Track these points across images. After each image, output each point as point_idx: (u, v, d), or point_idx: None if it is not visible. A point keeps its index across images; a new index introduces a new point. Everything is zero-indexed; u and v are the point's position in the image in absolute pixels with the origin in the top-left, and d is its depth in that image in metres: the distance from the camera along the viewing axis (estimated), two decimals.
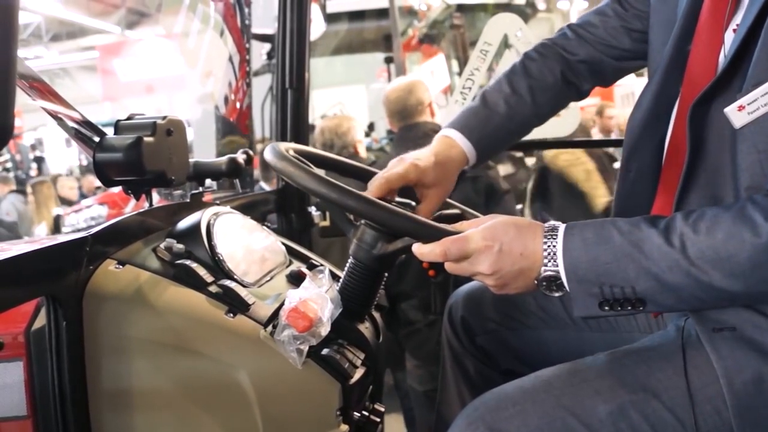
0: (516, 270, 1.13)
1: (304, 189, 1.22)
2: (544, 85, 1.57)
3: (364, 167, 1.52)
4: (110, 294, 1.20)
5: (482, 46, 2.88)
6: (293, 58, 2.24)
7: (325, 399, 1.24)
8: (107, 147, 1.30)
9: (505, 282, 1.15)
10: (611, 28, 1.56)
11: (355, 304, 1.36)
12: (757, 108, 1.11)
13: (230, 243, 1.38)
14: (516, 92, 1.56)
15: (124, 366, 1.20)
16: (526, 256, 1.13)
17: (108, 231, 1.26)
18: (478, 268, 1.14)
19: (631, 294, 1.09)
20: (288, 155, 1.26)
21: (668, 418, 1.11)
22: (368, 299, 1.38)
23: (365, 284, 1.35)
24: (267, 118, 4.64)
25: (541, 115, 1.59)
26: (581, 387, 1.15)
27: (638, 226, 1.10)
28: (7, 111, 0.76)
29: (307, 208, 2.32)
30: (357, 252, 1.32)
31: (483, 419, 1.14)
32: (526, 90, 1.56)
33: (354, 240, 1.33)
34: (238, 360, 1.20)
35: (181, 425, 1.21)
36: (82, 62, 15.20)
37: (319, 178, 1.21)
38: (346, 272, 1.35)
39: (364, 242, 1.31)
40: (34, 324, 1.16)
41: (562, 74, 1.57)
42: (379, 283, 1.37)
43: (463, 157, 1.50)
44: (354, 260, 1.34)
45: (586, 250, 1.10)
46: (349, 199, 1.18)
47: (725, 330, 1.14)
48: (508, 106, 1.54)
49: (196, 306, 1.22)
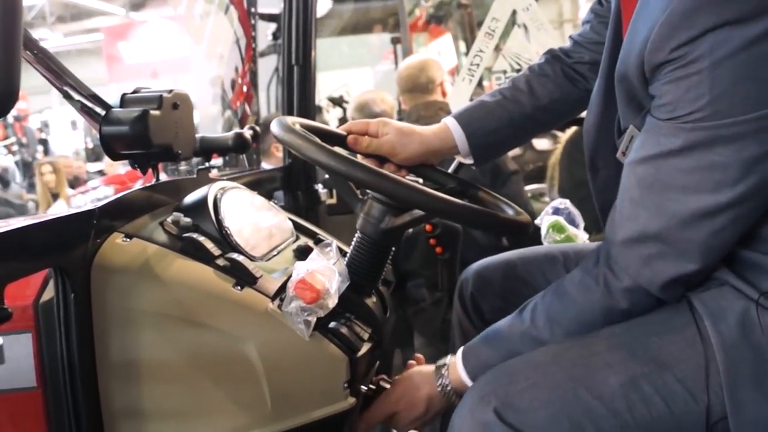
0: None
1: (312, 161, 1.22)
2: (542, 78, 1.60)
3: None
4: (118, 267, 1.20)
5: (490, 22, 2.85)
6: (299, 34, 2.22)
7: (333, 372, 1.24)
8: (113, 120, 1.29)
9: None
10: (596, 25, 1.58)
11: (362, 279, 1.35)
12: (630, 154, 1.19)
13: (237, 217, 1.38)
14: (513, 84, 1.61)
15: (132, 338, 1.20)
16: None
17: (115, 204, 1.26)
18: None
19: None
20: (295, 128, 1.26)
21: (679, 390, 1.10)
22: (375, 273, 1.38)
23: (372, 258, 1.35)
24: (273, 98, 4.64)
25: (541, 107, 1.59)
26: (592, 360, 1.15)
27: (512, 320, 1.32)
28: (12, 75, 0.75)
29: (313, 185, 2.32)
30: (364, 226, 1.32)
31: (495, 393, 1.14)
32: (523, 82, 1.60)
33: (361, 214, 1.33)
34: (246, 332, 1.20)
35: (189, 397, 1.22)
36: (86, 44, 15.17)
37: (328, 150, 1.20)
38: (353, 247, 1.35)
39: (371, 216, 1.31)
40: (43, 296, 1.16)
41: (563, 71, 1.60)
42: (387, 257, 1.37)
43: (450, 144, 1.57)
44: (361, 234, 1.33)
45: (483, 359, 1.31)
46: (358, 171, 1.18)
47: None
48: (503, 96, 1.59)
49: (204, 279, 1.21)
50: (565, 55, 1.62)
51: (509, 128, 1.59)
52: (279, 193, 2.29)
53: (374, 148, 1.51)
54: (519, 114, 1.58)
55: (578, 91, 1.60)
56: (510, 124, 1.58)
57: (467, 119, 1.57)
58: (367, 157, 1.52)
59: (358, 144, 1.50)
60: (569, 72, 1.60)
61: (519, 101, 1.58)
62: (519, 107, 1.58)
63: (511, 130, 1.59)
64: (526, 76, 1.61)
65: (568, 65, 1.61)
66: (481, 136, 1.57)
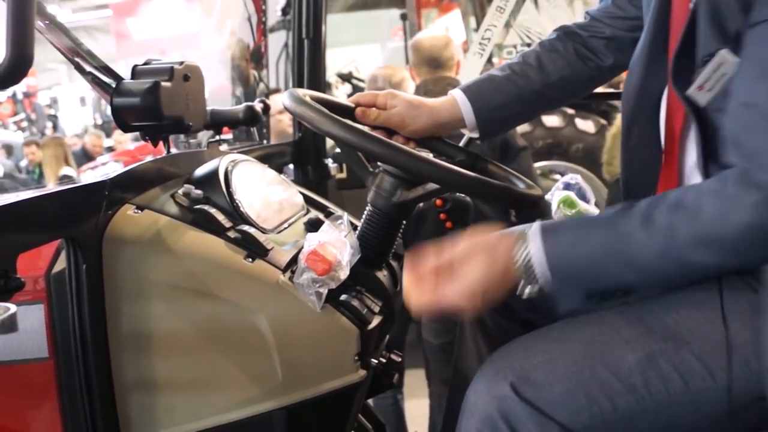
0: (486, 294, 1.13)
1: (324, 133, 1.21)
2: (553, 54, 1.57)
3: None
4: (129, 238, 1.20)
5: None
6: (310, 8, 2.22)
7: (344, 344, 1.24)
8: (124, 92, 1.29)
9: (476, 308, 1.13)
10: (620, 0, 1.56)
11: (372, 252, 1.35)
12: (713, 86, 1.13)
13: (248, 190, 1.38)
14: (523, 59, 1.58)
15: (144, 309, 1.20)
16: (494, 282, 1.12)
17: (126, 176, 1.26)
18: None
19: (616, 287, 1.11)
20: (307, 100, 1.25)
21: (697, 367, 1.10)
22: (386, 247, 1.37)
23: (383, 232, 1.34)
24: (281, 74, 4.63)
25: (550, 83, 1.57)
26: (610, 335, 1.14)
27: (617, 220, 1.09)
28: (26, 43, 0.75)
29: (323, 160, 2.32)
30: (375, 199, 1.32)
31: (511, 367, 1.13)
32: (533, 58, 1.57)
33: (372, 187, 1.32)
34: (257, 304, 1.20)
35: (200, 369, 1.22)
36: (95, 21, 15.15)
37: (340, 122, 1.20)
38: (363, 220, 1.35)
39: (382, 189, 1.30)
40: (55, 267, 1.17)
41: (575, 49, 1.58)
42: (397, 230, 1.37)
43: (458, 116, 1.54)
44: (372, 208, 1.33)
45: (565, 254, 1.10)
46: (371, 143, 1.17)
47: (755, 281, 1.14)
48: (512, 71, 1.56)
49: (215, 250, 1.22)
50: (580, 29, 1.59)
51: (517, 103, 1.57)
52: (289, 168, 2.29)
53: (383, 120, 1.49)
54: (528, 89, 1.56)
55: (588, 70, 1.58)
56: (518, 100, 1.57)
57: (475, 93, 1.56)
58: (375, 129, 1.51)
59: (366, 116, 1.49)
60: (581, 50, 1.58)
61: (528, 76, 1.56)
62: (528, 83, 1.56)
63: (519, 105, 1.58)
64: (537, 51, 1.59)
65: (581, 42, 1.58)
66: (489, 110, 1.56)
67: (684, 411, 1.11)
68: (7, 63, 0.77)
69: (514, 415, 1.09)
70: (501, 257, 1.12)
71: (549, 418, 1.09)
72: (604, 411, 1.10)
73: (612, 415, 1.10)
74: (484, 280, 1.11)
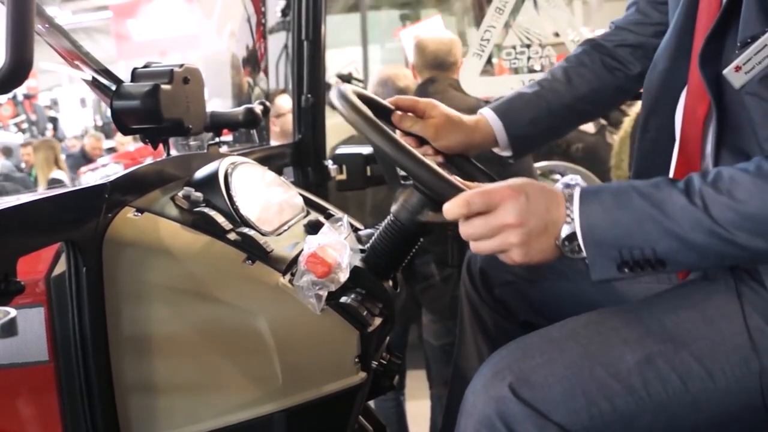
0: (541, 226, 1.08)
1: (363, 135, 1.19)
2: (580, 68, 1.59)
3: None
4: (129, 241, 1.20)
5: None
6: (309, 9, 2.22)
7: (344, 346, 1.24)
8: (124, 95, 1.30)
9: (529, 239, 1.09)
10: (644, 6, 1.57)
11: (384, 262, 1.34)
12: (752, 67, 1.11)
13: (248, 192, 1.38)
14: (550, 74, 1.60)
15: (144, 312, 1.21)
16: (551, 211, 1.09)
17: (126, 179, 1.26)
18: (505, 218, 1.08)
19: (651, 255, 1.07)
20: (353, 99, 1.23)
21: (696, 368, 1.10)
22: (398, 261, 1.36)
23: (399, 245, 1.32)
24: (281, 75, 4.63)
25: (580, 96, 1.58)
26: (609, 336, 1.14)
27: (657, 187, 1.08)
28: (26, 47, 0.76)
29: (323, 161, 2.31)
30: (400, 212, 1.29)
31: (510, 368, 1.13)
32: (561, 72, 1.59)
33: (399, 199, 1.30)
34: (257, 307, 1.20)
35: (200, 371, 1.22)
36: (95, 22, 15.15)
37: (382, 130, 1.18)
38: (382, 228, 1.33)
39: (409, 204, 1.28)
40: (55, 270, 1.17)
41: (602, 60, 1.59)
42: (413, 247, 1.35)
43: (490, 137, 1.55)
44: (394, 219, 1.30)
45: (604, 214, 1.08)
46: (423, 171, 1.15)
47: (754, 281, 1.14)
48: (540, 87, 1.58)
49: (215, 253, 1.22)
50: (606, 40, 1.60)
51: (548, 118, 1.58)
52: (288, 169, 2.29)
53: (418, 128, 1.50)
54: (557, 104, 1.57)
55: (616, 80, 1.59)
56: (548, 114, 1.57)
57: (504, 110, 1.57)
58: (407, 135, 1.52)
59: (402, 122, 1.50)
60: (608, 60, 1.59)
61: (557, 91, 1.57)
62: (557, 97, 1.57)
63: (549, 120, 1.58)
64: (564, 66, 1.60)
65: (607, 53, 1.59)
66: (520, 127, 1.56)
67: (683, 412, 1.11)
68: (7, 67, 0.77)
69: (512, 416, 1.09)
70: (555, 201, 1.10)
71: (547, 419, 1.09)
72: (603, 412, 1.10)
73: (611, 416, 1.10)
74: (541, 226, 1.09)
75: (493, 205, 1.09)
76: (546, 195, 1.10)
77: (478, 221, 1.10)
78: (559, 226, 1.09)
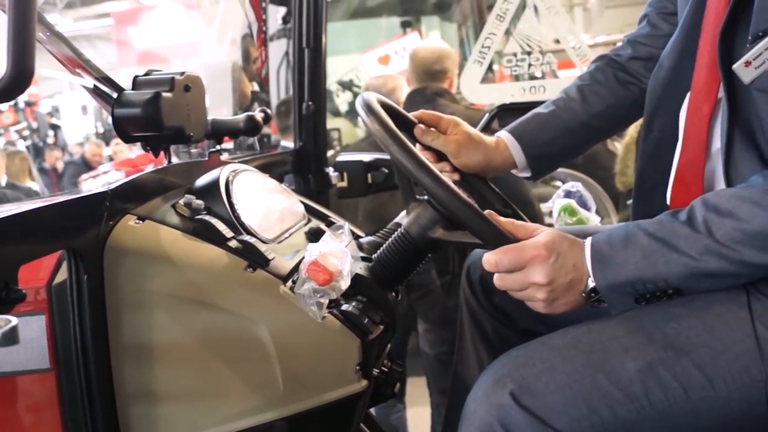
0: (568, 282, 1.15)
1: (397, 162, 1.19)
2: (594, 85, 1.60)
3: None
4: (130, 248, 1.20)
5: (501, 5, 2.83)
6: (310, 17, 2.22)
7: (345, 354, 1.24)
8: (125, 102, 1.30)
9: (556, 295, 1.16)
10: (654, 18, 1.58)
11: (389, 273, 1.34)
12: (763, 62, 1.12)
13: (249, 200, 1.38)
14: (565, 93, 1.61)
15: (145, 319, 1.20)
16: (578, 268, 1.15)
17: (127, 187, 1.26)
18: (534, 278, 1.15)
19: (666, 286, 1.13)
20: (378, 111, 1.23)
21: (697, 376, 1.10)
22: (404, 274, 1.36)
23: (406, 258, 1.32)
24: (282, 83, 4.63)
25: (596, 113, 1.59)
26: (610, 344, 1.14)
27: (660, 222, 1.13)
28: (27, 55, 0.76)
29: (324, 169, 2.32)
30: (411, 226, 1.29)
31: (511, 375, 1.13)
32: (575, 91, 1.60)
33: (411, 213, 1.30)
34: (258, 314, 1.20)
35: (201, 378, 1.22)
36: (96, 30, 15.19)
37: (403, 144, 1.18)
38: (390, 241, 1.33)
39: (422, 219, 1.27)
40: (56, 278, 1.17)
41: (615, 76, 1.60)
42: (420, 262, 1.35)
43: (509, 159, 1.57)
44: (404, 232, 1.30)
45: (614, 275, 1.14)
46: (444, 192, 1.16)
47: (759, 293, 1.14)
48: (555, 106, 1.59)
49: (216, 261, 1.22)
50: (618, 55, 1.61)
51: (565, 137, 1.58)
52: (290, 177, 2.29)
53: (440, 144, 1.52)
54: (574, 122, 1.58)
55: (631, 94, 1.59)
56: (565, 133, 1.58)
57: (521, 131, 1.58)
58: (426, 149, 1.53)
59: (424, 136, 1.51)
60: (621, 75, 1.60)
61: (572, 109, 1.58)
62: (573, 115, 1.58)
63: (566, 138, 1.59)
64: (578, 84, 1.61)
65: (620, 68, 1.60)
66: (537, 147, 1.57)
67: (684, 420, 1.11)
68: (8, 77, 0.77)
69: (513, 423, 1.09)
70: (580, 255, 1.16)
71: (549, 426, 1.09)
72: (604, 420, 1.10)
73: (612, 424, 1.10)
74: (567, 283, 1.15)
75: (523, 265, 1.15)
76: (575, 252, 1.16)
77: (507, 278, 1.18)
78: (584, 282, 1.16)
